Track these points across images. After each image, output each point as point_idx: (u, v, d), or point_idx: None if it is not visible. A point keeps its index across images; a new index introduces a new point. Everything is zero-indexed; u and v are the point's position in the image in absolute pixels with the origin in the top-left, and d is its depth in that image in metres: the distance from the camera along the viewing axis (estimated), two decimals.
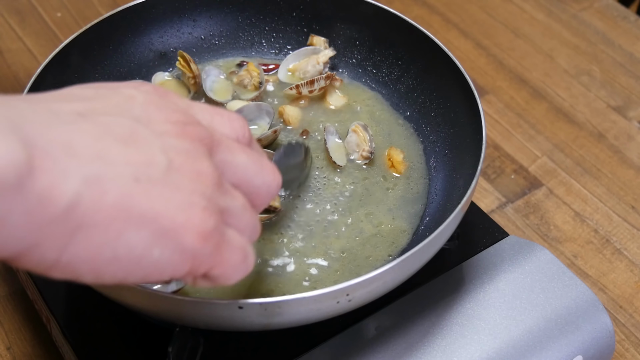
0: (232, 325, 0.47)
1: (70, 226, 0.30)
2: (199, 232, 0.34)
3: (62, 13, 0.98)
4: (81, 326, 0.56)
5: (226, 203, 0.36)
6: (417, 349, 0.54)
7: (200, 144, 0.36)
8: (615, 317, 0.70)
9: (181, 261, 0.34)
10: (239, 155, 0.38)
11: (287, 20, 0.73)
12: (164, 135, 0.35)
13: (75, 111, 0.33)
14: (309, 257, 0.57)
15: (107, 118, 0.33)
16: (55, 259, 0.31)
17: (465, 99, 0.60)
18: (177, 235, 0.33)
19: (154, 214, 0.32)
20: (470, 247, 0.61)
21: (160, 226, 0.33)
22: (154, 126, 0.35)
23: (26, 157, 0.29)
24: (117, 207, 0.31)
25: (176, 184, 0.34)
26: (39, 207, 0.29)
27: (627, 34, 0.99)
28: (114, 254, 0.32)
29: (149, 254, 0.33)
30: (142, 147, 0.33)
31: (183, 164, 0.34)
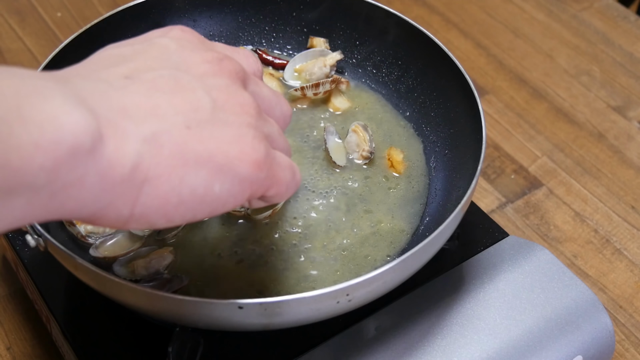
0: (232, 325, 0.47)
1: (137, 182, 0.33)
2: (252, 161, 0.37)
3: (62, 13, 0.98)
4: (81, 326, 0.56)
5: (268, 129, 0.40)
6: (417, 349, 0.54)
7: (236, 78, 0.39)
8: (615, 317, 0.70)
9: (241, 190, 0.37)
10: (264, 87, 0.42)
11: (287, 20, 0.73)
12: (204, 76, 0.38)
13: (122, 75, 0.35)
14: (308, 256, 0.57)
15: (151, 74, 0.36)
16: (129, 212, 0.34)
17: (465, 99, 0.60)
18: (233, 167, 0.36)
19: (208, 153, 0.35)
20: (470, 247, 0.61)
21: (216, 163, 0.36)
22: (193, 69, 0.38)
23: (96, 124, 0.31)
24: (175, 156, 0.34)
25: (224, 121, 0.37)
26: (109, 169, 0.32)
27: (627, 34, 0.99)
28: (180, 198, 0.35)
29: (211, 190, 0.36)
30: (187, 94, 0.36)
31: (227, 100, 0.37)
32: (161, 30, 0.41)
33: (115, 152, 0.32)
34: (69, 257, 0.47)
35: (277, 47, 0.73)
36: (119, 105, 0.34)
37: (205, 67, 0.38)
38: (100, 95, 0.33)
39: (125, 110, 0.34)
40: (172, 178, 0.35)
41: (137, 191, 0.34)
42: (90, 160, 0.31)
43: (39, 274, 0.60)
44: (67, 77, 0.34)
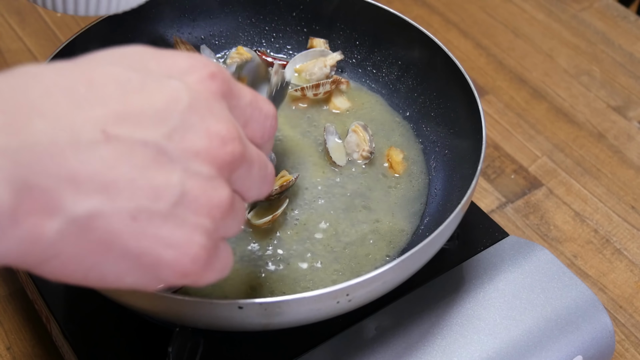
0: (232, 325, 0.47)
1: (45, 256, 0.31)
2: (182, 272, 0.34)
3: (61, 13, 0.98)
4: (81, 326, 0.56)
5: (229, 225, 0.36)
6: (417, 349, 0.54)
7: (227, 168, 0.35)
8: (615, 317, 0.70)
9: (154, 285, 0.35)
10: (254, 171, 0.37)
11: (287, 20, 0.73)
12: (193, 158, 0.33)
13: (102, 127, 0.31)
14: (308, 255, 0.57)
15: (135, 137, 0.32)
16: (27, 269, 0.32)
17: (465, 99, 0.60)
18: (157, 271, 0.33)
19: (138, 252, 0.32)
20: (470, 247, 0.61)
21: (142, 263, 0.33)
22: (188, 143, 0.33)
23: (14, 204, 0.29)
24: (99, 243, 0.31)
25: (180, 219, 0.33)
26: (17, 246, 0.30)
27: (627, 34, 0.99)
28: (85, 278, 0.33)
29: (121, 281, 0.33)
30: (160, 176, 0.32)
31: (198, 197, 0.33)
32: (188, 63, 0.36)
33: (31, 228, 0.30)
34: None
35: (277, 47, 0.73)
36: (69, 172, 0.30)
37: (201, 144, 0.34)
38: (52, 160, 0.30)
39: (74, 180, 0.30)
40: (85, 261, 0.32)
41: (41, 261, 0.31)
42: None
43: None
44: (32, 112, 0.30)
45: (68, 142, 0.30)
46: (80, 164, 0.30)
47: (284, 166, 0.63)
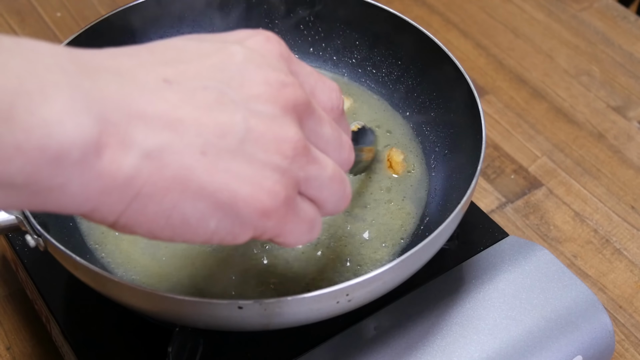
0: (232, 325, 0.47)
1: (126, 197, 0.32)
2: (261, 208, 0.34)
3: (62, 13, 0.98)
4: (81, 326, 0.56)
5: (309, 172, 0.36)
6: (417, 349, 0.54)
7: (292, 110, 0.35)
8: (615, 317, 0.70)
9: (242, 232, 0.35)
10: (325, 127, 0.38)
11: (287, 21, 0.73)
12: (254, 99, 0.34)
13: (162, 77, 0.33)
14: (303, 254, 0.57)
15: (195, 83, 0.33)
16: (113, 220, 0.33)
17: (465, 99, 0.60)
18: (236, 209, 0.34)
19: (214, 187, 0.33)
20: (470, 247, 0.61)
21: (219, 200, 0.33)
22: (247, 89, 0.34)
23: (97, 135, 0.30)
24: (175, 179, 0.32)
25: (249, 156, 0.33)
26: (97, 180, 0.31)
27: (627, 34, 0.99)
28: (168, 222, 0.33)
29: (205, 224, 0.34)
30: (223, 115, 0.33)
31: (265, 133, 0.34)
32: (245, 34, 0.38)
33: (110, 163, 0.31)
34: (69, 257, 0.47)
35: None
36: (138, 110, 0.31)
37: (260, 89, 0.35)
38: (122, 99, 0.31)
39: (143, 117, 0.31)
40: (165, 201, 0.32)
41: (124, 205, 0.32)
42: (75, 170, 0.30)
43: (38, 274, 0.60)
44: (97, 69, 0.32)
45: (133, 87, 0.32)
46: (147, 104, 0.32)
47: None
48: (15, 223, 0.49)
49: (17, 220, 0.49)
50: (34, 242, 0.49)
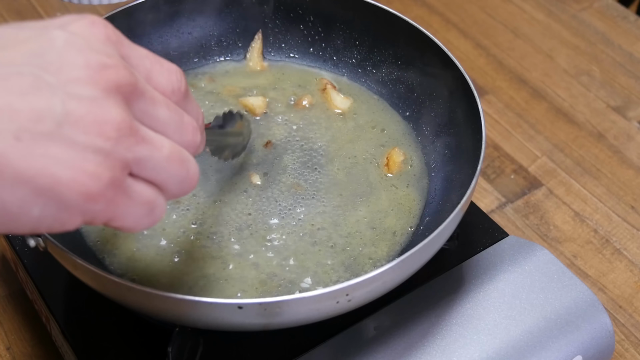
0: (232, 325, 0.47)
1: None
2: (86, 191, 0.33)
3: (61, 13, 0.98)
4: (81, 326, 0.56)
5: (139, 153, 0.35)
6: (416, 349, 0.54)
7: (115, 91, 0.34)
8: (615, 317, 0.70)
9: (69, 217, 0.34)
10: (160, 109, 0.37)
11: (287, 21, 0.73)
12: (73, 82, 0.33)
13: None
14: (302, 253, 0.57)
15: (9, 69, 0.32)
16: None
17: (465, 99, 0.60)
18: (58, 193, 0.32)
19: (31, 173, 0.31)
20: (469, 247, 0.61)
21: (38, 185, 0.32)
22: (65, 73, 0.33)
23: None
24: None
25: (68, 139, 0.32)
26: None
27: (627, 34, 0.99)
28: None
29: (28, 211, 0.32)
30: (39, 99, 0.32)
31: (84, 115, 0.33)
32: (69, 18, 0.36)
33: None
34: (69, 257, 0.47)
35: (276, 46, 0.73)
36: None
37: (79, 73, 0.33)
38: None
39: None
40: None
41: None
42: None
43: (38, 274, 0.60)
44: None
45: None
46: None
47: (284, 167, 0.63)
48: None
49: None
50: (34, 242, 0.49)
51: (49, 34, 0.34)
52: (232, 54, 0.73)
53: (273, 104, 0.69)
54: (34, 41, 0.34)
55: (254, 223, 0.59)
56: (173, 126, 0.37)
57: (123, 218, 0.35)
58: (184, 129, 0.38)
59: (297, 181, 0.62)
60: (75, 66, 0.33)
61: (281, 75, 0.72)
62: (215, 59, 0.73)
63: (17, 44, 0.33)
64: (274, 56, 0.73)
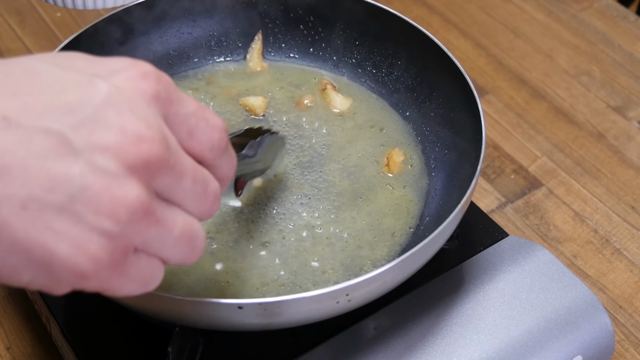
0: (232, 325, 0.47)
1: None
2: (79, 272, 0.31)
3: (61, 13, 0.98)
4: (81, 326, 0.56)
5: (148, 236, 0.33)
6: (416, 349, 0.54)
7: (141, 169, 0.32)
8: (615, 317, 0.70)
9: (58, 287, 0.32)
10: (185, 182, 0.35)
11: (287, 21, 0.73)
12: (99, 151, 0.31)
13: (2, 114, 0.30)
14: (304, 252, 0.57)
15: (38, 124, 0.30)
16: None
17: (465, 99, 0.60)
18: (52, 268, 0.31)
19: (28, 244, 0.30)
20: (469, 247, 0.61)
21: (33, 256, 0.31)
22: (96, 137, 0.31)
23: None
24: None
25: (77, 216, 0.31)
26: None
27: (627, 34, 0.99)
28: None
29: (18, 276, 0.31)
30: (59, 166, 0.30)
31: (100, 193, 0.31)
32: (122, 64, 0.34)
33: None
34: None
35: (276, 46, 0.73)
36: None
37: (111, 139, 0.31)
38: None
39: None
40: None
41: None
42: None
43: None
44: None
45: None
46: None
47: (283, 167, 0.63)
48: None
49: None
50: None
51: (91, 85, 0.32)
52: (232, 54, 0.73)
53: (273, 104, 0.69)
54: (73, 92, 0.32)
55: (253, 224, 0.59)
56: (193, 197, 0.35)
57: (115, 291, 0.34)
58: (205, 199, 0.36)
59: (297, 181, 0.62)
60: (108, 130, 0.31)
61: (281, 75, 0.72)
62: (215, 59, 0.73)
63: (56, 93, 0.31)
64: (273, 56, 0.73)
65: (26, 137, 0.30)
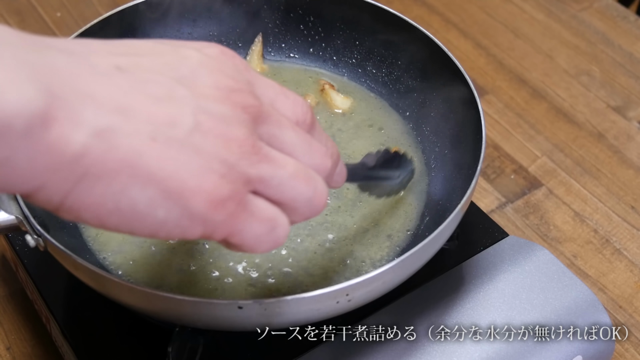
0: (232, 325, 0.47)
1: (75, 174, 0.31)
2: (209, 200, 0.33)
3: (61, 13, 0.98)
4: (81, 326, 0.56)
5: (262, 172, 0.35)
6: (416, 349, 0.54)
7: (242, 112, 0.35)
8: (615, 317, 0.70)
9: (190, 225, 0.34)
10: (287, 132, 0.37)
11: (286, 21, 0.73)
12: (204, 98, 0.34)
13: (115, 65, 0.33)
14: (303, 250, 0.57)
15: (148, 75, 0.34)
16: (59, 201, 0.32)
17: (465, 99, 0.60)
18: (184, 198, 0.33)
19: (163, 174, 0.32)
20: (470, 247, 0.61)
21: (167, 187, 0.33)
22: (198, 88, 0.35)
23: (43, 106, 0.29)
24: (124, 162, 0.31)
25: (197, 148, 0.33)
26: (45, 155, 0.30)
27: (627, 34, 0.99)
28: (116, 206, 0.32)
29: (154, 213, 0.33)
30: (173, 107, 0.33)
31: (212, 128, 0.34)
32: (202, 44, 0.38)
33: (58, 138, 0.30)
34: (69, 257, 0.47)
35: (276, 47, 0.73)
36: (88, 90, 0.31)
37: (211, 91, 0.35)
38: (71, 76, 0.31)
39: (92, 97, 0.31)
40: (114, 184, 0.32)
41: (71, 184, 0.31)
42: (20, 143, 0.29)
43: (38, 274, 0.60)
44: (47, 47, 0.31)
45: (84, 68, 0.32)
46: (97, 85, 0.31)
47: None
48: (15, 223, 0.49)
49: (17, 220, 0.49)
50: (34, 242, 0.49)
51: (183, 52, 0.36)
52: None
53: None
54: (170, 55, 0.35)
55: None
56: (300, 149, 0.38)
57: (243, 234, 0.36)
58: (313, 152, 0.38)
59: None
60: (205, 85, 0.35)
61: (281, 75, 0.72)
62: None
63: (155, 55, 0.35)
64: (273, 56, 0.73)
65: (140, 83, 0.33)
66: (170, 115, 0.33)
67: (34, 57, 0.30)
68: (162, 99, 0.33)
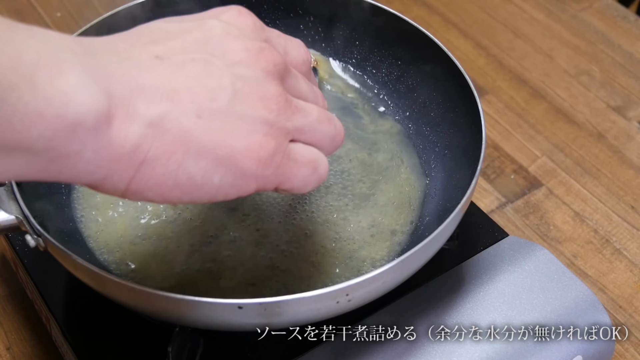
0: (232, 325, 0.47)
1: (134, 162, 0.35)
2: (257, 158, 0.38)
3: (61, 13, 0.98)
4: (81, 326, 0.56)
5: (296, 122, 0.40)
6: (416, 349, 0.54)
7: (272, 70, 0.39)
8: (615, 317, 0.70)
9: (244, 183, 0.38)
10: (302, 83, 0.43)
11: (286, 21, 0.73)
12: (237, 64, 0.38)
13: (154, 54, 0.37)
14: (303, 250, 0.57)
15: (183, 57, 0.37)
16: (125, 187, 0.36)
17: (465, 99, 0.60)
18: (235, 162, 0.37)
19: (212, 145, 0.36)
20: (470, 247, 0.61)
21: (218, 155, 0.37)
22: (229, 56, 0.38)
23: (106, 105, 0.33)
24: (177, 142, 0.36)
25: (239, 114, 0.37)
26: (107, 148, 0.34)
27: (627, 34, 0.99)
28: (176, 182, 0.37)
29: (210, 180, 0.37)
30: (211, 81, 0.37)
31: (249, 93, 0.38)
32: (218, 10, 0.42)
33: (118, 132, 0.34)
34: (69, 257, 0.47)
35: None
36: (138, 85, 0.35)
37: (241, 56, 0.39)
38: (123, 75, 0.35)
39: (142, 90, 0.35)
40: (171, 163, 0.36)
41: (133, 170, 0.35)
42: (90, 137, 0.33)
43: (38, 274, 0.60)
44: (98, 51, 0.35)
45: (130, 65, 0.36)
46: (144, 79, 0.36)
47: None
48: (15, 223, 0.49)
49: (17, 220, 0.49)
50: (34, 242, 0.49)
51: (207, 24, 0.40)
52: None
53: None
54: (196, 31, 0.39)
55: (253, 223, 0.59)
56: (311, 95, 0.43)
57: (292, 179, 0.40)
58: (317, 96, 0.44)
59: None
60: (236, 51, 0.39)
61: None
62: None
63: (184, 34, 0.39)
64: None
65: (180, 67, 0.37)
66: (210, 90, 0.37)
67: (93, 62, 0.34)
68: (201, 76, 0.37)
